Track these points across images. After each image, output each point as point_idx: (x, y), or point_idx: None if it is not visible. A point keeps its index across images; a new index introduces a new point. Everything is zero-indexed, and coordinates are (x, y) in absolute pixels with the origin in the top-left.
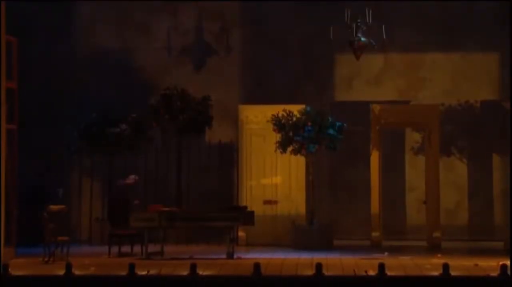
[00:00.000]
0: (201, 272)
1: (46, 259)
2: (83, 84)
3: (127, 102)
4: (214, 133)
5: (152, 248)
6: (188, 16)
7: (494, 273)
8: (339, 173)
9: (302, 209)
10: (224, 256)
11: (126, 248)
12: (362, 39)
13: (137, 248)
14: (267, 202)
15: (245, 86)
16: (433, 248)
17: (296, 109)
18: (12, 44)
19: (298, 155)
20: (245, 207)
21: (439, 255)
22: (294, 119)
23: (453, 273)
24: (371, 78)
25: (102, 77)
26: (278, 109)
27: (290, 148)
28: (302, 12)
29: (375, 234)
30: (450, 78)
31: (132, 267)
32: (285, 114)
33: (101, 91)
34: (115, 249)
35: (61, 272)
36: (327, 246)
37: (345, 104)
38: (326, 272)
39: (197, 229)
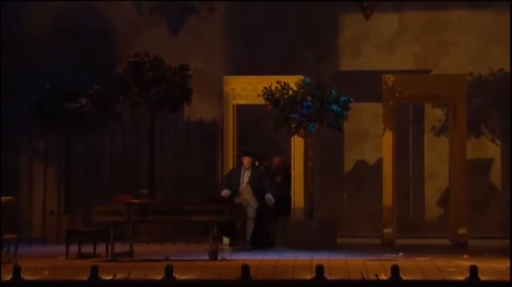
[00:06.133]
0: (178, 275)
1: None
2: (35, 51)
3: (88, 71)
4: (194, 109)
5: (119, 247)
6: None
7: None
8: (345, 157)
9: (300, 201)
10: (206, 257)
11: (87, 248)
12: None
13: (101, 248)
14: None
15: (231, 53)
16: (458, 248)
17: (292, 80)
18: None
19: (295, 136)
20: (232, 199)
21: (465, 256)
22: (290, 92)
23: (482, 277)
24: (383, 43)
25: (57, 42)
26: (271, 81)
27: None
28: None
29: (387, 230)
30: (480, 41)
31: (94, 270)
32: (279, 87)
33: (57, 59)
34: (73, 249)
35: (8, 276)
36: (330, 245)
37: (351, 74)
38: (328, 275)
39: (174, 225)
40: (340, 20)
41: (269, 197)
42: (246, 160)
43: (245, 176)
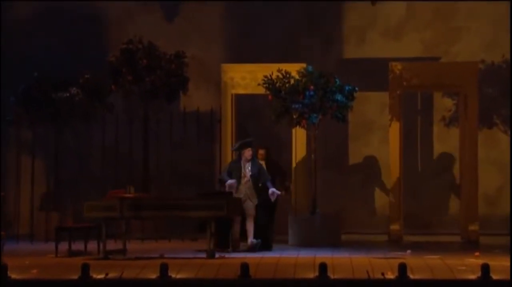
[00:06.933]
0: (174, 274)
1: None
2: (22, 37)
3: (79, 59)
4: (191, 99)
5: (111, 245)
6: None
7: None
8: (349, 150)
9: (302, 195)
10: (203, 254)
11: (78, 245)
12: None
13: (92, 245)
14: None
15: (230, 39)
16: (469, 245)
17: (294, 69)
18: None
19: (297, 128)
20: (230, 193)
21: (476, 254)
22: (292, 81)
23: (494, 276)
24: (389, 29)
25: (47, 28)
26: (272, 69)
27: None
28: None
29: (394, 227)
30: (492, 27)
31: (85, 268)
32: (280, 76)
33: (45, 46)
34: (63, 246)
35: None
36: (334, 241)
37: (356, 62)
38: (332, 274)
39: (169, 221)
40: (345, 6)
41: (274, 191)
42: (249, 152)
43: (247, 169)
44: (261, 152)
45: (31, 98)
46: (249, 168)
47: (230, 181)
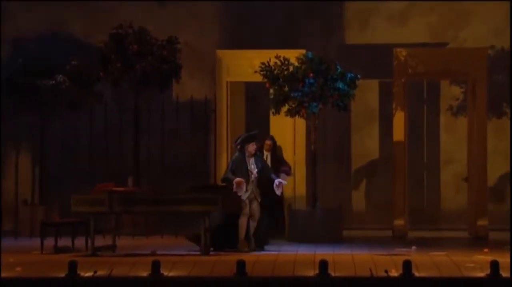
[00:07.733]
0: (166, 272)
1: None
2: (5, 21)
3: (65, 45)
4: (184, 87)
5: (100, 241)
6: None
7: None
8: (351, 141)
9: (301, 189)
10: (197, 251)
11: (64, 241)
12: None
13: (80, 241)
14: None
15: (225, 24)
16: (478, 241)
17: (293, 55)
18: None
19: (296, 117)
20: (226, 187)
21: (485, 250)
22: (291, 68)
23: (504, 273)
24: (394, 13)
25: (32, 12)
26: (270, 56)
27: (285, 108)
28: None
29: (398, 222)
30: (502, 11)
31: (73, 266)
32: (278, 62)
33: (30, 30)
34: (49, 242)
35: None
36: (335, 237)
37: (359, 48)
38: (333, 272)
39: (161, 216)
40: None
41: (280, 181)
42: (253, 147)
43: (252, 164)
44: (268, 143)
45: (15, 86)
46: (254, 164)
47: (238, 179)
